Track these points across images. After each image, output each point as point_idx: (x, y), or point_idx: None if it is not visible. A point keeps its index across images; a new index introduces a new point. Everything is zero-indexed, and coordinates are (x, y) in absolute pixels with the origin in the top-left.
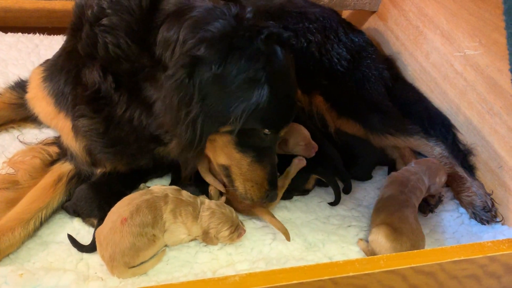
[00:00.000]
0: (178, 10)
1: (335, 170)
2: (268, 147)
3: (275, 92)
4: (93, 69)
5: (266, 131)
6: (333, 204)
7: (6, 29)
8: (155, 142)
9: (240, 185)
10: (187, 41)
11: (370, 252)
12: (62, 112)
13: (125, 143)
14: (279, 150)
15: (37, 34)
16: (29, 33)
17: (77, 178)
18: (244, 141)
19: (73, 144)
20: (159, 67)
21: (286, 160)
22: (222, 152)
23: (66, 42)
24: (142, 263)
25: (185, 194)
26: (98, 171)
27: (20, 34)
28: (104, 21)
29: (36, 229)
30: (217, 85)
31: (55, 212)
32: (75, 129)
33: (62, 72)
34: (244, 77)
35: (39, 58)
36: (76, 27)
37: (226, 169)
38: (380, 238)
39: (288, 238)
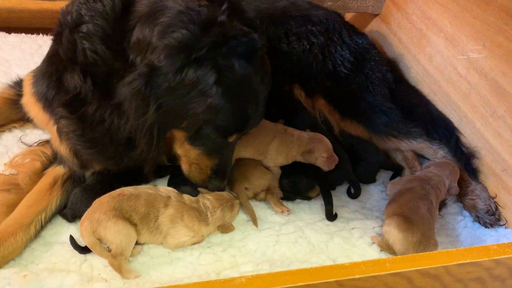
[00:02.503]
0: (151, 12)
1: (345, 175)
2: (221, 148)
3: (228, 105)
4: (74, 73)
5: (216, 135)
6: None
7: (10, 29)
8: (133, 147)
9: (185, 167)
10: (157, 48)
11: (385, 244)
12: (52, 118)
13: (101, 145)
14: (301, 159)
15: (41, 34)
16: (32, 33)
17: (72, 179)
18: (197, 139)
19: (60, 147)
20: (131, 70)
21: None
22: (177, 143)
23: (50, 47)
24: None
25: (187, 198)
26: (89, 172)
27: (23, 34)
28: (83, 28)
29: (37, 232)
30: (171, 95)
31: (55, 213)
32: (59, 131)
33: (45, 76)
34: (198, 89)
35: (42, 59)
36: (58, 33)
37: (179, 156)
38: (392, 229)
39: (255, 224)
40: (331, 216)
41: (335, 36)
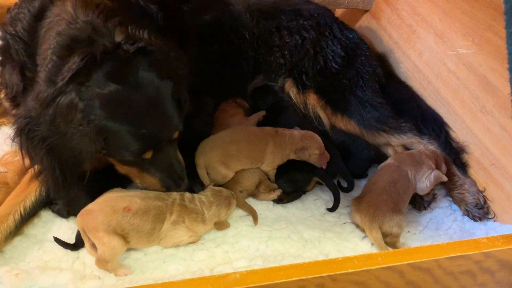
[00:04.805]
0: (50, 25)
1: (337, 169)
2: (151, 163)
3: (114, 129)
4: (13, 70)
5: (131, 158)
6: (331, 210)
7: None
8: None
9: (139, 185)
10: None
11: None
12: None
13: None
14: (294, 157)
15: None
16: None
17: None
18: (122, 160)
19: None
20: (33, 86)
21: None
22: (115, 165)
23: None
24: None
25: (187, 199)
26: None
27: None
28: (17, 25)
29: (18, 224)
30: (54, 135)
31: (37, 204)
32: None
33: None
34: (72, 125)
35: None
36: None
37: (126, 175)
38: (351, 207)
39: (256, 221)
40: (337, 204)
41: (327, 31)
